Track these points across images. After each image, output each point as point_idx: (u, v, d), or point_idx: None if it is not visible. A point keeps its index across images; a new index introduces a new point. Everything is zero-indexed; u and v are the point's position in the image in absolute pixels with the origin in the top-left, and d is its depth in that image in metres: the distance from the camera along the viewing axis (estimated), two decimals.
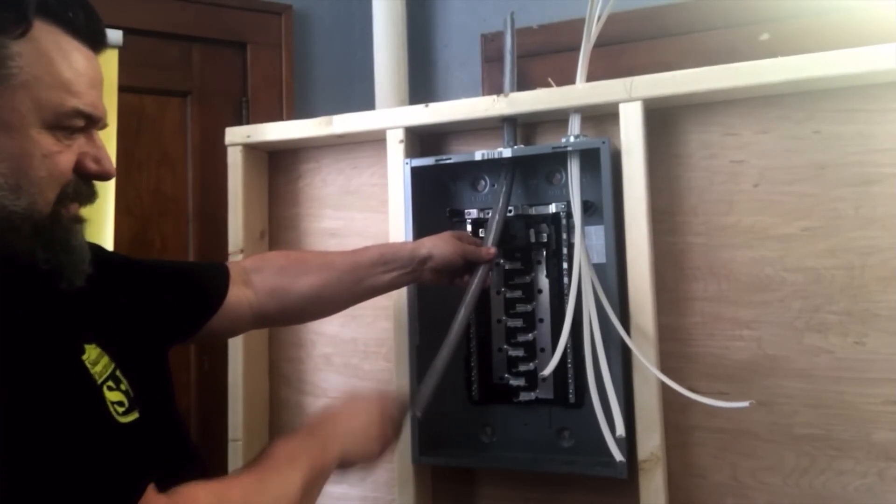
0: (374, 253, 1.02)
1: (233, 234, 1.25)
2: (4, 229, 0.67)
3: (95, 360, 0.70)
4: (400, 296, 1.13)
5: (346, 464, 0.83)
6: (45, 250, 0.69)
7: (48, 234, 0.70)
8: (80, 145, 0.71)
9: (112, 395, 0.69)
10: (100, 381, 0.68)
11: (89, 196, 0.74)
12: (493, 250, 1.04)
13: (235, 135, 1.27)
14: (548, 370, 0.95)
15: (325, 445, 0.80)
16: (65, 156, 0.70)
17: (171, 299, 0.88)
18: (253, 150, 1.28)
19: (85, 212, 0.76)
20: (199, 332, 0.92)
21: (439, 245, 1.01)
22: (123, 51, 1.53)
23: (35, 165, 0.68)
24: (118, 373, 0.71)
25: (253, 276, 0.99)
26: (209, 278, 0.96)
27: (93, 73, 0.72)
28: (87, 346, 0.70)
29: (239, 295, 0.96)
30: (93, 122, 0.72)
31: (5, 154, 0.67)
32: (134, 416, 0.70)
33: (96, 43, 0.73)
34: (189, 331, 0.92)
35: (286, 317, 1.06)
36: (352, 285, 1.01)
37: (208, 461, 0.86)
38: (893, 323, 0.93)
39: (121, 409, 0.69)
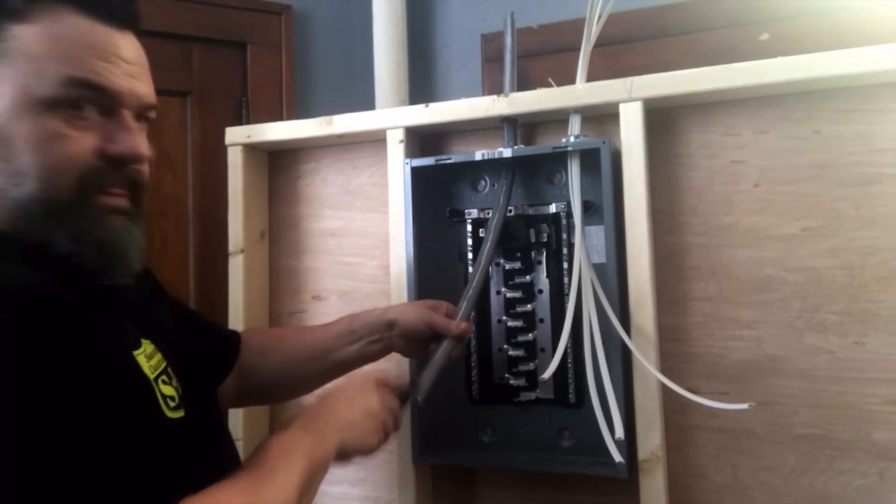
0: (342, 324, 0.99)
1: (233, 234, 1.25)
2: (21, 219, 0.64)
3: (150, 354, 0.69)
4: (400, 296, 1.13)
5: (344, 455, 0.79)
6: (69, 242, 0.65)
7: (71, 225, 0.65)
8: (99, 126, 0.67)
9: (165, 389, 0.68)
10: (153, 376, 0.67)
11: (127, 184, 0.69)
12: (463, 325, 0.96)
13: (236, 135, 1.27)
14: (548, 373, 0.95)
15: (322, 439, 0.76)
16: (77, 138, 0.65)
17: (195, 351, 0.88)
18: (253, 150, 1.28)
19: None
20: None
21: (405, 311, 0.97)
22: None
23: (41, 149, 0.64)
24: (170, 370, 0.71)
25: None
26: (224, 343, 0.96)
27: (104, 47, 0.67)
28: (143, 341, 0.69)
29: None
30: (105, 94, 0.66)
31: (5, 135, 0.63)
32: (181, 412, 0.69)
33: (116, 18, 0.69)
34: None
35: (258, 397, 1.06)
36: (318, 360, 0.98)
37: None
38: (893, 323, 0.93)
39: (172, 404, 0.68)
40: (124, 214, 0.69)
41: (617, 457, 0.95)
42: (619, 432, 0.94)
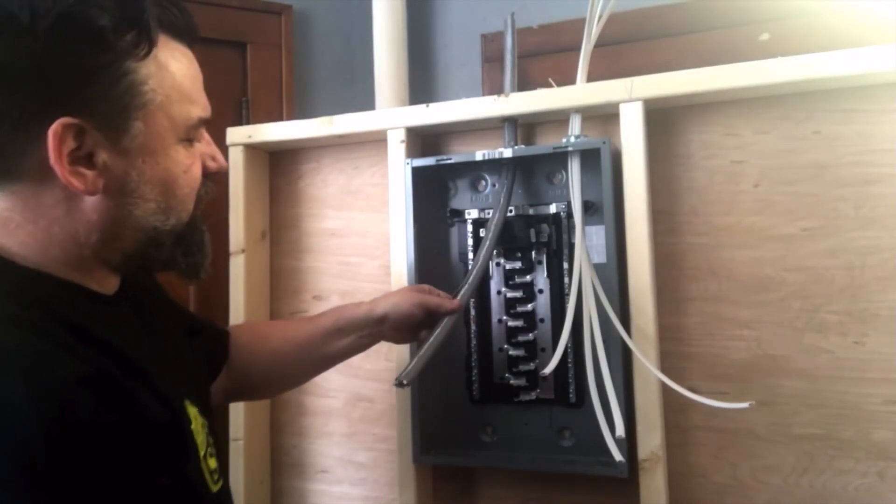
0: (329, 320, 0.98)
1: (234, 234, 1.25)
2: (152, 246, 0.67)
3: (197, 427, 0.68)
4: None
5: None
6: (185, 255, 0.70)
7: (188, 240, 0.70)
8: (198, 148, 0.71)
9: (212, 463, 0.68)
10: (202, 452, 0.67)
11: (213, 191, 0.74)
12: (457, 301, 0.97)
13: (236, 135, 1.27)
14: (549, 368, 0.95)
15: None
16: (196, 164, 0.69)
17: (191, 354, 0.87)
18: (254, 150, 1.28)
19: None
20: None
21: (397, 303, 0.96)
22: None
23: (180, 184, 0.67)
24: (211, 438, 0.70)
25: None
26: (216, 345, 0.95)
27: (198, 74, 0.70)
28: (189, 407, 0.68)
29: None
30: (208, 124, 0.71)
31: (155, 180, 0.65)
32: (220, 484, 0.69)
33: (194, 39, 0.70)
34: None
35: (246, 394, 1.06)
36: (305, 357, 0.99)
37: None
38: (893, 323, 0.93)
39: (215, 477, 0.68)
40: (204, 223, 0.74)
41: (618, 455, 0.95)
42: (620, 430, 0.94)
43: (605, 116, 1.08)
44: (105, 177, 0.62)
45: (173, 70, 0.65)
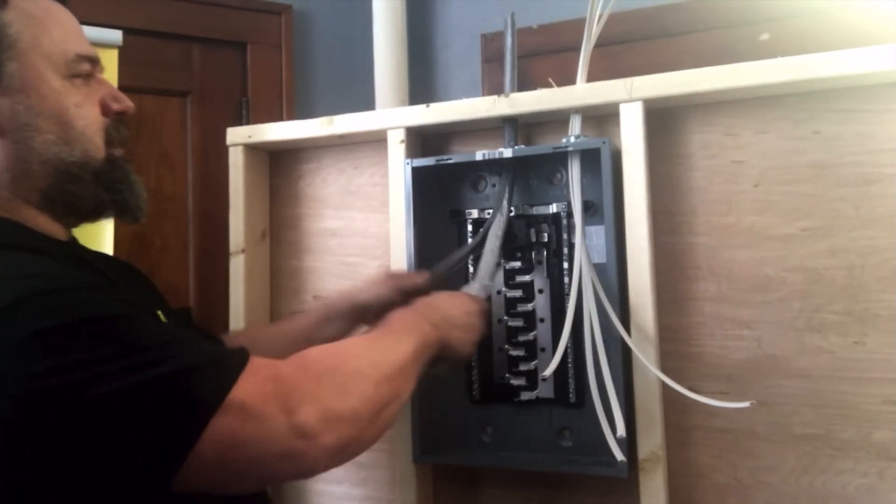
0: (317, 314, 1.05)
1: (234, 234, 1.25)
2: (68, 181, 0.73)
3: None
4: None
5: (444, 350, 0.87)
6: (109, 192, 0.76)
7: (108, 176, 0.76)
8: (96, 90, 0.77)
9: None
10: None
11: (127, 138, 0.80)
12: (425, 275, 1.05)
13: (237, 135, 1.27)
14: (548, 370, 0.96)
15: (434, 328, 0.84)
16: (90, 102, 0.75)
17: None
18: (254, 150, 1.28)
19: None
20: None
21: (375, 292, 1.03)
22: (123, 51, 1.53)
23: (72, 116, 0.73)
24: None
25: None
26: (209, 339, 0.97)
27: (73, 23, 0.77)
28: (158, 312, 0.76)
29: None
30: (94, 64, 0.77)
31: (45, 112, 0.72)
32: None
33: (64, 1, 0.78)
34: None
35: None
36: (301, 347, 1.01)
37: None
38: (893, 323, 0.93)
39: None
40: (131, 163, 0.81)
41: (619, 455, 0.95)
42: (621, 429, 0.94)
43: (605, 116, 1.07)
44: None
45: (39, 16, 0.73)
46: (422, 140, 1.20)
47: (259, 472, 0.61)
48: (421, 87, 1.99)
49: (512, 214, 1.09)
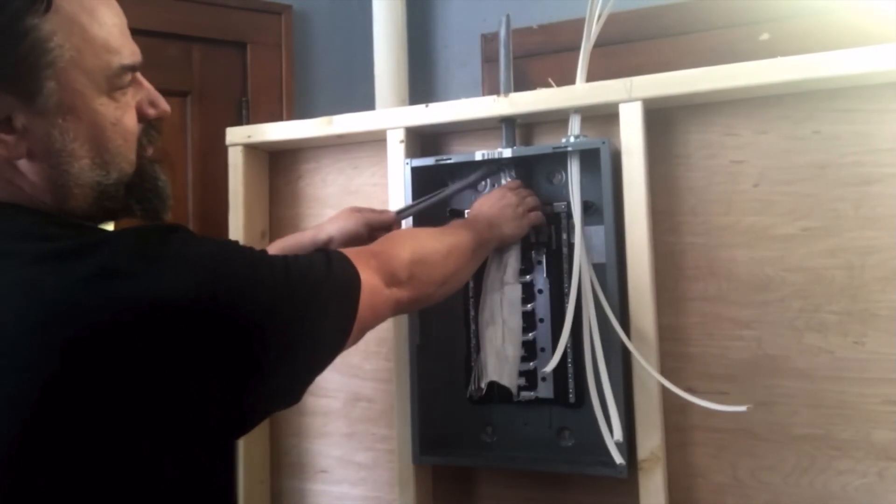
0: (275, 251, 0.99)
1: (234, 234, 1.25)
2: (105, 199, 0.70)
3: None
4: None
5: (502, 242, 1.06)
6: (139, 202, 0.74)
7: (139, 188, 0.73)
8: (133, 95, 0.71)
9: None
10: None
11: (158, 136, 0.76)
12: (391, 213, 1.10)
13: (236, 135, 1.27)
14: (549, 367, 0.95)
15: (488, 227, 1.01)
16: (129, 114, 0.70)
17: None
18: (254, 150, 1.28)
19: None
20: None
21: (339, 225, 1.05)
22: None
23: (110, 136, 0.68)
24: None
25: None
26: None
27: (119, 20, 0.69)
28: None
29: None
30: (136, 70, 0.71)
31: (82, 136, 0.66)
32: None
33: None
34: None
35: None
36: None
37: None
38: (893, 323, 0.93)
39: None
40: (160, 162, 0.77)
41: (617, 458, 0.95)
42: (618, 434, 0.94)
43: (604, 116, 1.07)
44: (27, 140, 0.64)
45: (84, 22, 0.64)
46: (421, 140, 1.20)
47: (378, 320, 0.82)
48: (421, 87, 1.99)
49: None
